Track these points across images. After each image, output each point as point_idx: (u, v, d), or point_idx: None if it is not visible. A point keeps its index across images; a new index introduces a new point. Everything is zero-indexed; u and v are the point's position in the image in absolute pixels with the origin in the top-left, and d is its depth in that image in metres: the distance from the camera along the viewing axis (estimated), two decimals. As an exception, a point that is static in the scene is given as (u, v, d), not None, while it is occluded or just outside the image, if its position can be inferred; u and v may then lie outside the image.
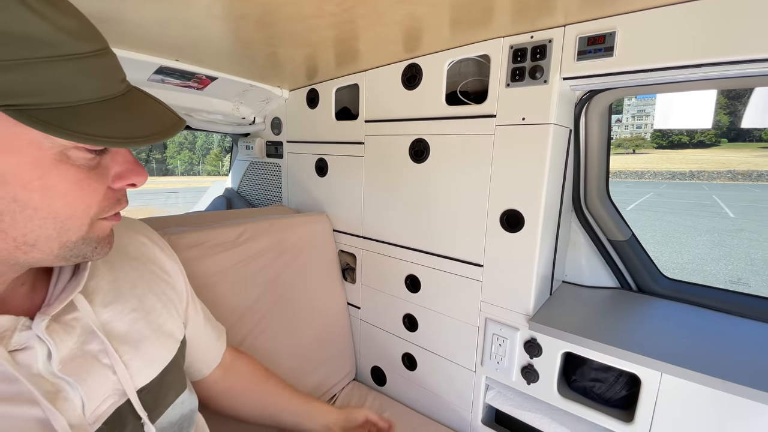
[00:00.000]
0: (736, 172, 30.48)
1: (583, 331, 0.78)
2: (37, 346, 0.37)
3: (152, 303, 0.50)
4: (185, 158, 52.00)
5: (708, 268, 5.97)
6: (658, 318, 0.87)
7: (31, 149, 0.31)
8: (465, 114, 0.88)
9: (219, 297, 0.87)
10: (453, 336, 0.98)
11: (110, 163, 0.38)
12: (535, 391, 0.86)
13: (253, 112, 1.39)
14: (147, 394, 0.45)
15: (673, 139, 76.18)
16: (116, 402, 0.42)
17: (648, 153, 61.66)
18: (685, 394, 0.68)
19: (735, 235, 8.47)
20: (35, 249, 0.35)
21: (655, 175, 31.78)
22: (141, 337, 0.47)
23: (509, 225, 0.85)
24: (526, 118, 0.79)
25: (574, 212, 1.00)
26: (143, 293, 0.50)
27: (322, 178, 1.24)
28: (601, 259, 1.01)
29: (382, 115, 1.04)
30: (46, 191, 0.33)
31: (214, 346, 0.67)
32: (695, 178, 30.08)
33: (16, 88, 0.29)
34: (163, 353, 0.49)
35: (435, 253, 0.98)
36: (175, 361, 0.51)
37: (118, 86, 0.35)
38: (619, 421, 0.75)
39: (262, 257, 0.99)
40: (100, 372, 0.41)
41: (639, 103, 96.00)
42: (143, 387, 0.45)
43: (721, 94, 78.60)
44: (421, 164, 0.97)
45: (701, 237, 8.11)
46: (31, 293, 0.41)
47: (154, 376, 0.47)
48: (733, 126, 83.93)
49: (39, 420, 0.36)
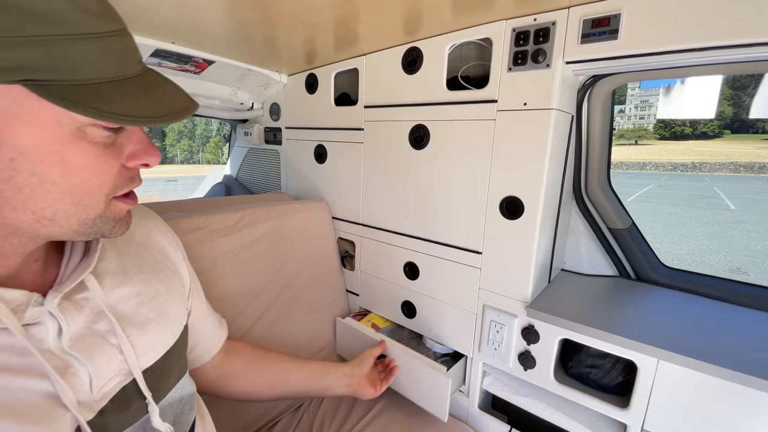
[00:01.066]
0: (739, 164, 30.35)
1: (581, 318, 0.78)
2: (48, 322, 0.38)
3: (157, 287, 0.51)
4: (185, 146, 51.78)
5: (707, 259, 5.99)
6: (657, 306, 0.87)
7: (50, 124, 0.32)
8: (466, 99, 0.86)
9: (217, 281, 0.87)
10: (451, 323, 0.99)
11: (125, 142, 0.39)
12: (531, 377, 0.87)
13: (251, 98, 1.38)
14: (150, 376, 0.46)
15: (675, 130, 75.69)
16: (122, 381, 0.43)
17: (650, 144, 61.34)
18: (681, 381, 0.68)
19: (735, 226, 8.47)
20: (54, 223, 0.36)
21: (657, 167, 31.65)
22: (146, 319, 0.48)
23: (509, 212, 0.84)
24: (527, 103, 0.78)
25: (575, 200, 1.00)
26: (148, 278, 0.51)
27: (321, 165, 1.23)
28: (600, 247, 1.01)
29: (381, 100, 1.02)
30: (64, 166, 0.34)
31: (216, 333, 0.68)
32: (697, 170, 29.96)
33: (37, 64, 0.30)
34: (166, 337, 0.50)
35: (434, 241, 0.98)
36: (178, 345, 0.52)
37: (135, 67, 0.37)
38: (614, 406, 0.76)
39: (260, 243, 0.99)
40: (107, 351, 0.42)
41: (642, 93, 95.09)
42: (147, 368, 0.46)
43: (725, 84, 77.70)
44: (420, 151, 0.96)
45: (701, 228, 8.11)
46: (42, 271, 0.42)
47: (158, 359, 0.48)
48: (737, 117, 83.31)
49: (49, 394, 0.36)
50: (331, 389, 0.79)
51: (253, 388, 0.72)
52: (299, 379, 0.76)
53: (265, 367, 0.73)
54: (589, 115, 0.91)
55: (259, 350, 0.75)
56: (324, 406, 1.03)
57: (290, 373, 0.75)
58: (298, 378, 0.76)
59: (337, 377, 0.80)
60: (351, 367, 0.83)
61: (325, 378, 0.79)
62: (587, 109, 0.91)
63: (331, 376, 0.80)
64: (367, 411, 1.00)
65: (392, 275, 1.09)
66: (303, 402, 1.05)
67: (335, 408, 1.02)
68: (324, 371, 0.79)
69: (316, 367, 0.79)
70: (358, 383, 0.82)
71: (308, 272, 1.11)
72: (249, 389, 0.71)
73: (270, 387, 0.73)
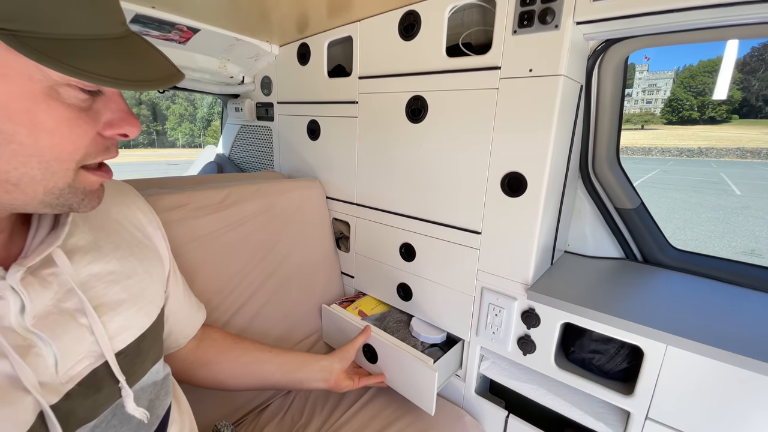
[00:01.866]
0: (746, 150, 29.94)
1: (584, 301, 0.74)
2: (10, 297, 0.35)
3: (133, 267, 0.48)
4: (186, 130, 51.47)
5: (711, 245, 5.93)
6: (665, 289, 0.82)
7: (20, 79, 0.30)
8: (467, 66, 0.80)
9: (200, 262, 0.83)
10: (447, 305, 0.95)
11: (103, 109, 0.36)
12: (531, 363, 0.83)
13: (241, 71, 1.31)
14: (124, 359, 0.43)
15: (683, 114, 74.45)
16: (92, 363, 0.40)
17: (657, 129, 60.49)
18: (690, 368, 0.64)
19: (740, 212, 8.37)
20: (18, 189, 0.33)
21: (663, 152, 31.26)
22: (120, 299, 0.44)
23: (510, 189, 0.79)
24: (533, 69, 0.71)
25: (581, 178, 0.94)
26: (124, 256, 0.47)
27: (315, 141, 1.17)
28: (606, 228, 0.96)
29: (377, 70, 0.96)
30: (33, 126, 0.31)
31: (194, 318, 0.65)
32: (703, 155, 29.58)
33: (8, 13, 0.27)
34: (141, 318, 0.47)
35: (431, 221, 0.93)
36: (154, 328, 0.49)
37: (117, 28, 0.34)
38: (618, 393, 0.72)
39: (249, 223, 0.94)
40: (76, 331, 0.39)
41: (650, 76, 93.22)
42: (121, 351, 0.43)
43: (735, 68, 76.18)
44: (418, 124, 0.90)
45: (706, 214, 8.03)
46: (7, 244, 0.38)
47: (132, 341, 0.45)
48: (746, 102, 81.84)
49: (7, 375, 0.33)
50: (306, 383, 0.77)
51: (223, 376, 0.69)
52: (272, 370, 0.73)
53: (236, 357, 0.70)
54: (599, 85, 0.85)
55: (230, 339, 0.72)
56: (315, 390, 1.00)
57: (262, 364, 0.72)
58: (271, 369, 0.73)
59: (314, 371, 0.77)
60: (330, 362, 0.79)
61: (300, 371, 0.75)
62: (597, 78, 0.84)
63: (307, 369, 0.76)
64: (361, 395, 0.97)
65: (388, 257, 1.05)
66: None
67: (327, 392, 0.99)
68: (300, 364, 0.76)
69: (291, 359, 0.76)
70: (336, 380, 0.79)
71: (300, 254, 1.06)
72: (219, 378, 0.69)
73: (241, 377, 0.70)
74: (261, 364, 0.72)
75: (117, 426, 0.42)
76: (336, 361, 0.80)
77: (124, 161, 19.92)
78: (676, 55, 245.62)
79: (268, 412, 0.92)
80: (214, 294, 0.85)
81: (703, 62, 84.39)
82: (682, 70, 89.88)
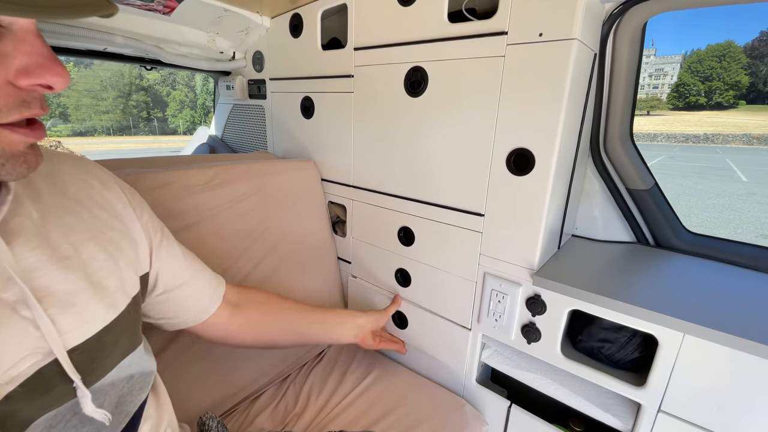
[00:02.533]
0: (752, 136, 29.52)
1: (595, 287, 0.69)
2: None
3: (92, 253, 0.42)
4: (187, 117, 51.03)
5: (716, 232, 5.86)
6: (680, 274, 0.77)
7: None
8: (470, 33, 0.73)
9: (186, 246, 0.78)
10: (448, 292, 0.90)
11: (13, 52, 0.28)
12: (535, 351, 0.79)
13: (231, 46, 1.24)
14: (80, 355, 0.38)
15: (690, 100, 73.33)
16: (39, 362, 0.35)
17: (663, 115, 59.66)
18: (709, 358, 0.59)
19: (746, 199, 8.27)
20: None
21: (668, 138, 30.87)
22: (73, 290, 0.38)
23: (517, 167, 0.73)
24: (543, 33, 0.65)
25: (591, 157, 0.88)
26: (81, 241, 0.41)
27: (308, 120, 1.11)
28: (617, 210, 0.90)
29: (373, 40, 0.89)
30: None
31: (210, 292, 0.61)
32: (709, 141, 29.21)
33: None
34: (102, 310, 0.41)
35: (431, 203, 0.88)
36: (122, 320, 0.43)
37: None
38: (628, 384, 0.68)
39: (237, 206, 0.89)
40: (16, 325, 0.34)
41: (657, 61, 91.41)
42: (75, 347, 0.37)
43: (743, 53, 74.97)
44: (417, 98, 0.84)
45: (711, 201, 7.93)
46: None
47: (90, 336, 0.39)
48: (753, 87, 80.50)
49: None
50: (341, 339, 0.82)
51: (271, 336, 0.72)
52: (317, 330, 0.78)
53: (284, 317, 0.73)
54: (614, 54, 0.78)
55: (274, 298, 0.74)
56: (311, 378, 0.97)
57: (309, 324, 0.77)
58: (317, 329, 0.78)
59: (350, 328, 0.83)
60: (366, 321, 0.85)
61: (340, 328, 0.82)
62: (612, 46, 0.78)
63: (346, 325, 0.82)
64: (357, 384, 0.94)
65: (386, 241, 1.00)
66: (290, 373, 0.99)
67: (323, 380, 0.96)
68: (341, 321, 0.82)
69: (333, 318, 0.82)
70: (364, 336, 0.85)
71: (294, 239, 1.01)
72: (268, 338, 0.72)
73: (288, 336, 0.74)
74: (308, 324, 0.76)
75: (78, 426, 0.37)
76: (370, 321, 0.86)
77: (125, 148, 19.80)
78: (684, 39, 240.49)
79: (261, 402, 0.89)
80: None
81: (711, 46, 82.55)
82: (690, 54, 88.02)
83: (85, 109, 45.46)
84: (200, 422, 0.65)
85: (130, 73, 45.86)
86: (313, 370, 1.00)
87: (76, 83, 45.25)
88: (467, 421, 0.85)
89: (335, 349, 1.10)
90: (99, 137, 38.22)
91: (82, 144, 24.46)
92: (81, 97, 45.80)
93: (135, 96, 49.11)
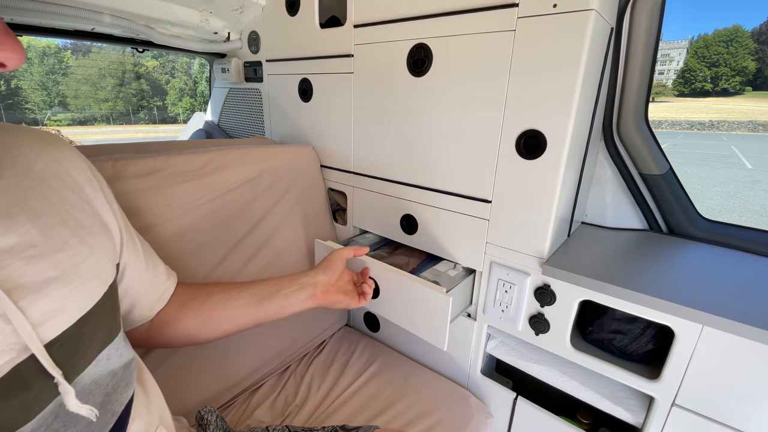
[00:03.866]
0: (757, 123, 29.13)
1: (607, 276, 0.65)
2: None
3: (64, 238, 0.38)
4: (187, 105, 50.59)
5: (720, 219, 5.81)
6: (696, 263, 0.74)
7: None
8: (478, 5, 0.68)
9: (178, 235, 0.74)
10: (453, 281, 0.87)
11: None
12: (543, 343, 0.76)
13: (226, 26, 1.19)
14: (59, 349, 0.35)
15: (695, 86, 72.20)
16: (14, 358, 0.32)
17: (668, 101, 58.86)
18: (728, 350, 0.56)
19: (751, 186, 8.18)
20: None
21: (673, 125, 30.50)
22: (46, 279, 0.35)
23: (527, 150, 0.69)
24: (558, 4, 0.60)
25: (603, 140, 0.84)
26: (50, 225, 0.37)
27: (307, 103, 1.06)
28: (629, 196, 0.86)
29: (374, 16, 0.84)
30: None
31: (162, 286, 0.56)
32: (714, 128, 28.85)
33: None
34: (78, 299, 0.37)
35: (435, 189, 0.84)
36: (99, 308, 0.39)
37: None
38: (641, 377, 0.65)
39: (233, 192, 0.85)
40: None
41: (663, 46, 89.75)
42: (53, 340, 0.34)
43: (750, 38, 73.87)
44: (421, 78, 0.79)
45: (716, 188, 7.85)
46: None
47: (68, 327, 0.36)
48: (760, 73, 79.18)
49: None
50: (289, 307, 0.63)
51: (191, 330, 0.59)
52: (242, 305, 0.61)
53: (199, 305, 0.59)
54: (631, 29, 0.73)
55: (193, 289, 0.61)
56: (312, 369, 0.95)
57: (229, 302, 0.60)
58: (241, 304, 0.61)
59: (293, 292, 0.63)
60: (312, 275, 0.66)
61: (276, 296, 0.62)
62: (629, 21, 0.73)
63: (284, 291, 0.63)
64: (359, 375, 0.92)
65: (387, 230, 0.97)
66: (290, 364, 0.97)
67: (324, 371, 0.94)
68: (274, 288, 0.63)
69: (262, 287, 0.63)
70: (324, 293, 0.66)
71: (291, 228, 0.98)
72: (189, 332, 0.59)
73: (212, 325, 0.60)
74: (228, 302, 0.60)
75: (60, 429, 0.35)
76: (319, 272, 0.66)
77: (124, 137, 19.70)
78: (691, 24, 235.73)
79: (260, 393, 0.87)
80: (193, 271, 0.77)
81: (718, 31, 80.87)
82: (697, 39, 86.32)
83: (83, 97, 45.14)
84: (198, 416, 0.63)
85: (128, 61, 45.42)
86: (313, 361, 0.98)
87: (74, 71, 44.80)
88: (472, 414, 0.83)
89: (336, 339, 1.08)
90: (98, 126, 38.02)
91: (81, 133, 24.31)
92: (80, 86, 45.43)
93: (134, 84, 48.64)
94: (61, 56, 43.05)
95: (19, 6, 0.85)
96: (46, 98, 41.12)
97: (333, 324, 1.11)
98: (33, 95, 40.40)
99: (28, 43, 4.20)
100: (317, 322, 1.04)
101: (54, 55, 42.32)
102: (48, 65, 42.35)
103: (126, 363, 0.44)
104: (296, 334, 0.98)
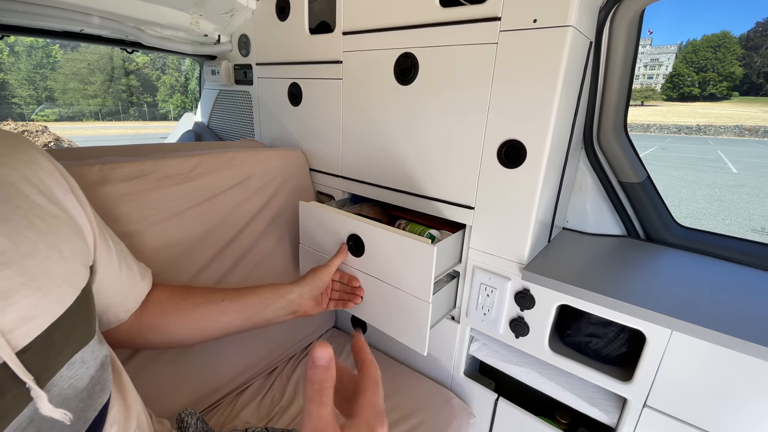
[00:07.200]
0: (743, 128, 29.77)
1: (584, 282, 0.68)
2: None
3: (33, 243, 0.37)
4: (178, 102, 49.96)
5: (705, 223, 5.93)
6: (670, 269, 0.76)
7: None
8: (462, 18, 0.70)
9: (164, 240, 0.75)
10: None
11: None
12: (523, 345, 0.78)
13: (216, 28, 1.19)
14: (32, 355, 0.34)
15: (684, 91, 73.48)
16: None
17: (656, 105, 59.80)
18: (696, 354, 0.59)
19: (736, 190, 8.37)
20: None
21: (661, 129, 31.02)
22: (14, 285, 0.35)
23: (508, 159, 0.71)
24: (538, 20, 0.62)
25: (583, 149, 0.87)
26: (19, 230, 0.37)
27: (296, 107, 1.07)
28: (608, 203, 0.89)
29: (363, 24, 0.85)
30: None
31: (136, 288, 0.56)
32: (701, 133, 29.41)
33: None
34: (49, 305, 0.37)
35: (420, 194, 0.86)
36: (72, 313, 0.39)
37: None
38: (615, 379, 0.68)
39: (221, 196, 0.86)
40: None
41: (653, 51, 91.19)
42: (25, 347, 0.34)
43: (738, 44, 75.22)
44: (407, 86, 0.81)
45: (701, 192, 8.01)
46: None
47: (39, 333, 0.35)
48: (747, 78, 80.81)
49: None
50: (274, 320, 0.68)
51: (176, 337, 0.61)
52: (231, 320, 0.64)
53: (186, 315, 0.62)
54: (609, 43, 0.76)
55: (177, 296, 0.63)
56: (299, 370, 0.96)
57: (217, 317, 0.63)
58: (229, 320, 0.64)
59: (280, 308, 0.68)
60: (299, 294, 0.70)
61: (264, 312, 0.67)
62: (608, 35, 0.75)
63: (272, 308, 0.67)
64: (345, 377, 0.93)
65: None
66: (277, 366, 0.98)
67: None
68: (261, 304, 0.67)
69: (251, 303, 0.66)
70: (305, 310, 0.71)
71: (280, 231, 0.99)
72: (173, 339, 0.61)
73: (198, 333, 0.63)
74: (216, 317, 0.63)
75: None
76: (306, 291, 0.71)
77: (114, 133, 19.41)
78: (682, 29, 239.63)
79: (246, 395, 0.88)
80: (178, 274, 0.78)
81: (707, 36, 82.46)
82: (686, 44, 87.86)
83: (72, 93, 44.28)
84: (179, 419, 0.63)
85: (118, 56, 44.56)
86: (301, 362, 0.99)
87: (62, 66, 43.95)
88: (455, 414, 0.85)
89: (325, 339, 1.08)
90: (87, 122, 37.35)
91: (69, 129, 23.89)
92: (68, 81, 44.56)
93: (123, 80, 47.90)
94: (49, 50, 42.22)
95: (6, 7, 0.84)
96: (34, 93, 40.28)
97: (320, 326, 1.12)
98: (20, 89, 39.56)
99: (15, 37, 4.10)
100: (305, 324, 1.05)
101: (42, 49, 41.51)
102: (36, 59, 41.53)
103: (101, 365, 0.44)
104: (284, 336, 0.99)
